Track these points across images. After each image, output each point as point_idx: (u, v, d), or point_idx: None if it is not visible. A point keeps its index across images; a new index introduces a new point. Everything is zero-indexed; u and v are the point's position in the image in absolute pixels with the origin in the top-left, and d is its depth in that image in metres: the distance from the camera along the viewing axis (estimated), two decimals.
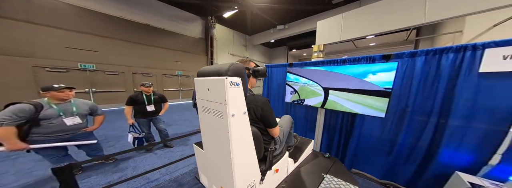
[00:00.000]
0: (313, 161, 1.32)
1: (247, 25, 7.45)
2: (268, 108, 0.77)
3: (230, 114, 0.62)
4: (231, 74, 0.64)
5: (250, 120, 0.71)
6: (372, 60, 1.26)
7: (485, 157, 0.85)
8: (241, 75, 0.67)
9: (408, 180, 1.15)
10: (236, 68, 0.66)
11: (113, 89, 4.96)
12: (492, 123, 0.82)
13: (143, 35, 5.38)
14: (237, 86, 0.64)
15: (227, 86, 0.60)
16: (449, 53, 0.90)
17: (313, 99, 1.53)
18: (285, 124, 1.05)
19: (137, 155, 1.80)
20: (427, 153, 1.04)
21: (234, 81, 0.62)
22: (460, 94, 0.88)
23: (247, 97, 0.72)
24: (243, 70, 0.69)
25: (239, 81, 0.65)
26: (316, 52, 3.89)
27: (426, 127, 1.01)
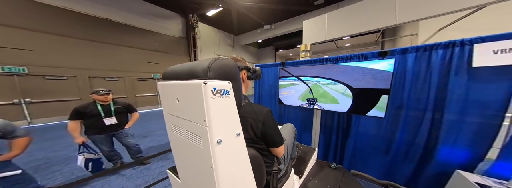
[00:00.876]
0: (319, 175, 1.17)
1: (233, 25, 7.24)
2: (272, 123, 0.55)
3: (214, 140, 0.39)
4: (214, 75, 0.41)
5: (246, 139, 0.49)
6: (365, 58, 1.25)
7: (481, 152, 0.88)
8: (232, 76, 0.45)
9: (407, 179, 1.15)
10: (224, 65, 0.43)
11: (61, 98, 3.89)
12: (485, 117, 0.84)
13: (105, 32, 4.53)
14: (225, 96, 0.40)
15: (207, 95, 0.37)
16: (438, 49, 0.91)
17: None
18: (288, 135, 0.87)
19: (95, 181, 1.39)
20: (425, 150, 1.05)
21: (219, 88, 0.39)
22: (452, 89, 0.89)
23: (242, 108, 0.52)
24: (235, 69, 0.47)
25: (229, 87, 0.42)
26: (303, 52, 3.94)
27: (422, 123, 1.02)
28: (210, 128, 0.38)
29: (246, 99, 0.60)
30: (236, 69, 0.48)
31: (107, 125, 1.44)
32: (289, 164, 0.79)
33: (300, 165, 1.07)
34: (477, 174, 0.86)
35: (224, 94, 0.40)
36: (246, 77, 0.62)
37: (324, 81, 1.30)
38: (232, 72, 0.46)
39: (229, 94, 0.42)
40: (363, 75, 1.05)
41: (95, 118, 1.39)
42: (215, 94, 0.38)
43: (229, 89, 0.42)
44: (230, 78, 0.44)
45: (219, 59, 0.44)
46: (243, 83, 0.62)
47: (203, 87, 0.36)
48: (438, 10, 1.59)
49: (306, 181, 1.06)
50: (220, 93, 0.39)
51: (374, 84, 1.01)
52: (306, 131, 1.72)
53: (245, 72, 0.61)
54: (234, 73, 0.46)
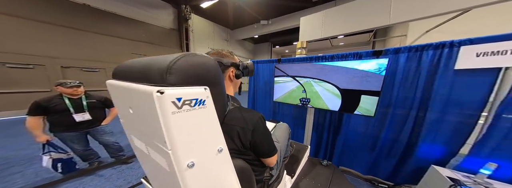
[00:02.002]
0: (311, 173, 1.20)
1: (229, 19, 6.96)
2: (263, 131, 0.47)
3: (183, 165, 0.30)
4: (177, 80, 0.28)
5: (232, 150, 0.42)
6: (359, 56, 1.26)
7: (455, 148, 0.95)
8: (211, 79, 0.35)
9: (388, 174, 1.23)
10: (195, 66, 0.31)
11: (26, 89, 3.42)
12: (462, 116, 0.90)
13: (84, 19, 4.09)
14: (199, 107, 0.30)
15: (166, 110, 0.26)
16: (429, 50, 0.94)
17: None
18: (282, 136, 0.83)
19: (67, 183, 1.23)
20: (406, 147, 1.11)
21: (189, 97, 0.28)
22: (437, 90, 0.93)
23: (228, 113, 0.44)
24: (215, 69, 0.36)
25: (206, 95, 0.31)
26: (299, 49, 3.94)
27: (406, 121, 1.07)
28: (174, 151, 0.28)
29: (235, 102, 0.50)
30: (216, 69, 0.36)
31: (78, 121, 1.27)
32: (281, 166, 0.75)
33: (292, 164, 1.07)
34: (448, 168, 0.94)
35: (198, 105, 0.29)
36: (234, 75, 0.52)
37: (317, 83, 1.31)
38: (211, 74, 0.34)
39: (206, 103, 0.31)
40: (355, 77, 1.07)
41: (61, 114, 1.21)
42: (181, 106, 0.27)
43: (206, 97, 0.31)
44: (208, 82, 0.32)
45: (189, 55, 0.30)
46: (231, 82, 0.53)
47: (156, 98, 0.24)
48: (429, 11, 1.64)
49: (298, 180, 1.07)
50: (189, 105, 0.28)
51: (365, 85, 1.03)
52: (299, 128, 1.75)
53: (233, 69, 0.51)
54: (213, 74, 0.35)
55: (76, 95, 1.29)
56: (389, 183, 1.25)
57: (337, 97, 1.20)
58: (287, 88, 1.54)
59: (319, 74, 1.29)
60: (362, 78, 1.04)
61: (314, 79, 1.33)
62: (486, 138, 0.86)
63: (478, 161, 0.89)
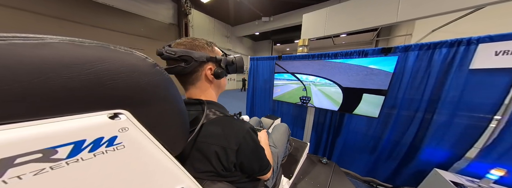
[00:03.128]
0: (310, 172, 1.14)
1: (230, 15, 6.80)
2: (252, 149, 0.37)
3: None
4: None
5: (206, 173, 0.34)
6: (365, 54, 1.19)
7: (460, 152, 0.90)
8: (130, 93, 0.18)
9: (387, 176, 1.20)
10: (55, 64, 0.13)
11: None
12: (472, 119, 0.85)
13: (81, 11, 3.98)
14: (94, 152, 0.15)
15: None
16: (442, 47, 0.87)
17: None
18: (280, 140, 0.73)
19: None
20: (408, 149, 1.07)
21: (25, 149, 0.12)
22: (448, 91, 0.88)
23: (205, 126, 0.34)
24: (152, 76, 0.19)
25: (110, 129, 0.16)
26: (301, 47, 3.85)
27: (411, 123, 1.02)
28: None
29: (216, 109, 0.38)
30: (150, 74, 0.19)
31: None
32: (278, 174, 0.65)
33: (291, 164, 1.01)
34: (451, 172, 0.90)
35: (86, 151, 0.15)
36: (212, 74, 0.38)
37: (319, 81, 1.25)
38: (133, 83, 0.18)
39: (122, 141, 0.17)
40: (361, 75, 1.00)
41: None
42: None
43: (120, 131, 0.17)
44: (125, 100, 0.17)
45: (22, 41, 0.13)
46: (210, 84, 0.40)
47: None
48: (441, 8, 1.56)
49: (296, 181, 1.02)
50: (44, 160, 0.13)
51: (370, 84, 0.97)
52: (298, 127, 1.70)
53: (211, 66, 0.38)
54: (141, 83, 0.18)
55: None
56: (388, 185, 1.21)
57: (339, 96, 1.14)
58: (287, 85, 1.48)
59: (321, 71, 1.22)
60: (366, 76, 0.98)
61: (316, 77, 1.27)
62: (497, 143, 0.81)
63: (484, 166, 0.85)
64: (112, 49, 0.17)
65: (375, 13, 2.44)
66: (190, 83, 0.39)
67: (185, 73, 0.37)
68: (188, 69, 0.35)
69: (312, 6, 5.51)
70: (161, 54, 0.34)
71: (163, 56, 0.34)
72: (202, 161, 0.32)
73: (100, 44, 0.17)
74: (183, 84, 0.41)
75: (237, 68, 0.42)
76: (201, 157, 0.32)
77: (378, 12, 2.37)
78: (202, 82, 0.39)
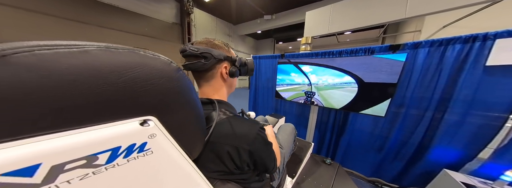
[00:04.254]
0: (313, 172, 1.13)
1: (232, 13, 6.76)
2: (264, 148, 0.37)
3: None
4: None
5: (218, 172, 0.34)
6: (371, 52, 1.15)
7: (472, 152, 0.87)
8: (156, 102, 0.18)
9: (394, 176, 1.17)
10: (83, 70, 0.13)
11: None
12: (486, 119, 0.81)
13: (86, 11, 4.09)
14: (130, 158, 0.16)
15: None
16: (456, 44, 0.83)
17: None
18: (287, 141, 0.73)
19: None
20: (417, 149, 1.04)
21: (68, 155, 0.13)
22: (461, 89, 0.84)
23: (216, 127, 0.33)
24: (176, 82, 0.20)
25: (141, 135, 0.17)
26: (304, 45, 3.78)
27: (420, 123, 0.99)
28: None
29: (227, 109, 0.38)
30: (175, 79, 0.20)
31: None
32: (283, 173, 0.67)
33: (294, 164, 1.01)
34: (462, 173, 0.86)
35: (122, 157, 0.16)
36: (227, 73, 0.40)
37: (330, 82, 1.19)
38: (160, 88, 0.18)
39: (151, 147, 0.17)
40: (381, 67, 0.90)
41: None
42: (44, 182, 0.12)
43: (149, 137, 0.17)
44: (153, 107, 0.17)
45: (65, 50, 0.13)
46: (224, 82, 0.42)
47: None
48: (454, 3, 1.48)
49: (299, 180, 1.01)
50: (88, 166, 0.14)
51: (385, 79, 0.90)
52: (301, 126, 1.68)
53: (226, 64, 0.40)
54: (167, 89, 0.18)
55: None
56: (394, 185, 1.19)
57: (351, 91, 1.07)
58: (291, 80, 1.45)
59: (330, 61, 1.16)
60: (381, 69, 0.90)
61: (323, 67, 1.20)
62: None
63: (499, 167, 0.81)
64: (142, 54, 0.17)
65: (382, 9, 2.35)
66: (205, 80, 0.41)
67: (203, 70, 0.39)
68: (207, 66, 0.37)
69: (316, 3, 5.39)
70: (184, 50, 0.36)
71: (186, 53, 0.36)
72: (215, 161, 0.32)
73: (131, 50, 0.17)
74: (198, 80, 0.43)
75: (248, 70, 0.44)
76: (214, 157, 0.32)
77: (386, 8, 2.29)
78: (216, 80, 0.41)
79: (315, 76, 1.30)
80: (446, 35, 0.87)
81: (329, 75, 1.21)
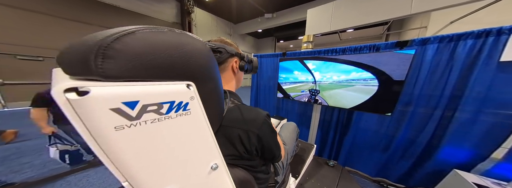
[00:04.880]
0: (316, 173, 1.12)
1: (233, 12, 6.72)
2: (271, 133, 0.40)
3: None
4: (121, 69, 0.16)
5: (230, 156, 0.37)
6: (376, 49, 1.11)
7: (484, 152, 0.84)
8: (196, 72, 0.23)
9: (400, 176, 1.14)
10: (160, 45, 0.19)
11: (37, 81, 3.43)
12: (500, 117, 0.78)
13: (89, 12, 4.16)
14: (177, 114, 0.21)
15: (98, 125, 0.15)
16: (467, 39, 0.79)
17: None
18: (289, 138, 0.75)
19: (71, 176, 1.24)
20: (425, 149, 1.01)
21: (149, 101, 0.18)
22: (473, 86, 0.80)
23: (227, 113, 0.36)
24: (207, 55, 0.26)
25: (187, 96, 0.21)
26: (305, 43, 3.73)
27: (429, 122, 0.95)
28: (134, 182, 0.18)
29: (235, 99, 0.42)
30: (207, 57, 0.25)
31: None
32: (287, 170, 0.69)
33: (297, 164, 1.00)
34: (474, 174, 0.83)
35: (176, 111, 0.20)
36: (237, 67, 0.45)
37: (335, 79, 1.13)
38: (198, 62, 0.23)
39: (191, 108, 0.21)
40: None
41: None
42: (137, 116, 0.17)
43: (189, 99, 0.21)
44: (194, 75, 0.22)
45: (149, 30, 0.19)
46: (234, 75, 0.46)
47: (68, 104, 0.14)
48: None
49: (303, 181, 1.01)
50: (156, 112, 0.18)
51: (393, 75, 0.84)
52: (304, 125, 1.66)
53: (236, 59, 0.45)
54: (203, 63, 0.24)
55: None
56: (400, 185, 1.16)
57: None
58: (294, 78, 1.41)
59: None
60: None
61: (332, 74, 1.15)
62: None
63: None
64: (190, 35, 0.24)
65: (386, 5, 2.29)
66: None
67: (218, 62, 0.43)
68: (222, 59, 0.42)
69: (317, 0, 5.31)
70: None
71: None
72: (226, 145, 0.35)
73: (185, 33, 0.24)
74: None
75: (253, 67, 0.49)
76: (226, 141, 0.35)
77: (390, 4, 2.22)
78: (228, 73, 0.46)
79: (319, 73, 1.27)
80: (453, 31, 0.84)
81: (334, 72, 1.18)
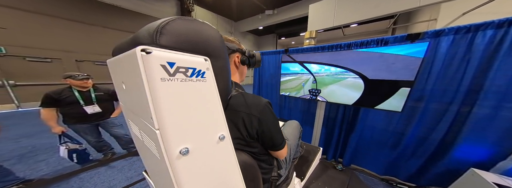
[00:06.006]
0: (322, 177, 1.09)
1: (233, 9, 6.62)
2: (271, 119, 0.43)
3: (174, 151, 0.24)
4: (170, 42, 0.25)
5: (236, 140, 0.39)
6: (384, 43, 1.06)
7: (506, 150, 0.79)
8: (213, 50, 0.31)
9: (411, 175, 1.10)
10: (193, 30, 0.28)
11: (47, 81, 3.62)
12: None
13: (92, 13, 4.20)
14: (196, 79, 0.26)
15: (153, 74, 0.21)
16: (487, 29, 0.73)
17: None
18: (292, 134, 0.75)
19: (84, 173, 1.31)
20: (438, 146, 0.96)
21: (184, 64, 0.24)
22: (493, 80, 0.75)
23: (232, 99, 0.41)
24: (219, 41, 0.33)
25: (206, 66, 0.27)
26: (308, 39, 3.64)
27: (443, 118, 0.91)
28: (163, 132, 0.23)
29: (239, 88, 0.47)
30: (219, 40, 0.33)
31: (90, 113, 1.30)
32: (291, 167, 0.68)
33: (302, 166, 0.97)
34: (494, 173, 0.78)
35: (196, 76, 0.26)
36: (239, 61, 0.49)
37: (332, 71, 1.13)
38: (212, 44, 0.31)
39: (206, 76, 0.27)
40: (387, 64, 0.88)
41: (72, 106, 1.24)
42: (173, 73, 0.23)
43: (206, 69, 0.27)
44: (209, 53, 0.29)
45: (186, 19, 0.28)
46: (237, 69, 0.51)
47: (140, 58, 0.20)
48: None
49: (308, 184, 0.98)
50: (185, 74, 0.24)
51: (396, 75, 0.85)
52: (307, 123, 1.63)
53: (238, 55, 0.49)
54: (216, 45, 0.32)
55: (85, 88, 1.29)
56: (411, 184, 1.13)
57: (357, 88, 1.02)
58: (295, 78, 1.39)
59: (335, 60, 1.10)
60: (391, 65, 0.86)
61: (328, 66, 1.14)
62: None
63: None
64: (207, 24, 0.32)
65: None
66: None
67: None
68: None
69: None
70: None
71: None
72: (231, 128, 0.36)
73: (205, 22, 0.32)
74: None
75: (256, 61, 0.51)
76: (231, 124, 0.37)
77: None
78: (231, 67, 0.48)
79: (316, 65, 1.22)
80: (465, 23, 0.78)
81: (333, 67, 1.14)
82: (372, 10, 2.56)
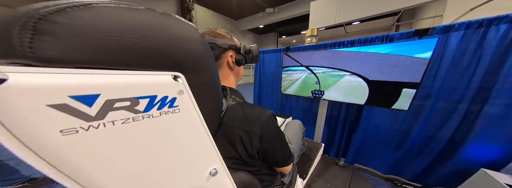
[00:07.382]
0: (325, 174, 1.07)
1: (233, 8, 6.57)
2: (275, 135, 0.37)
3: None
4: (72, 50, 0.12)
5: (232, 160, 0.34)
6: (390, 40, 1.03)
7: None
8: (186, 61, 0.20)
9: (416, 175, 1.08)
10: (138, 26, 0.16)
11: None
12: None
13: None
14: (162, 112, 0.17)
15: (26, 127, 0.10)
16: (500, 24, 0.70)
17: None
18: (295, 136, 0.71)
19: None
20: (446, 146, 0.94)
21: (116, 91, 0.14)
22: (506, 77, 0.72)
23: (228, 111, 0.33)
24: (201, 45, 0.22)
25: (173, 89, 0.18)
26: (309, 37, 3.59)
27: (451, 116, 0.88)
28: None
29: (236, 96, 0.38)
30: (200, 44, 0.22)
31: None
32: (294, 171, 0.65)
33: (304, 164, 0.95)
34: (505, 174, 0.76)
35: (156, 108, 0.16)
36: (234, 61, 0.40)
37: (335, 71, 1.11)
38: (189, 50, 0.20)
39: (180, 104, 0.18)
40: (387, 64, 0.85)
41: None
42: (97, 116, 0.13)
43: (177, 93, 0.18)
44: (182, 65, 0.19)
45: (113, 5, 0.15)
46: (231, 71, 0.41)
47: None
48: None
49: (310, 182, 0.97)
50: (130, 110, 0.15)
51: (399, 76, 0.82)
52: (309, 122, 1.60)
53: (231, 53, 0.39)
54: (193, 50, 0.20)
55: None
56: (416, 184, 1.10)
57: (362, 90, 1.00)
58: (297, 78, 1.36)
59: (339, 63, 1.08)
60: (396, 67, 0.83)
61: (332, 69, 1.13)
62: None
63: None
64: (177, 18, 0.21)
65: None
66: None
67: None
68: (214, 55, 0.36)
69: None
70: None
71: None
72: (226, 147, 0.32)
73: (170, 14, 0.20)
74: None
75: (253, 57, 0.43)
76: (226, 142, 0.33)
77: None
78: (224, 69, 0.41)
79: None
80: (472, 19, 0.74)
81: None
82: (375, 7, 2.50)
